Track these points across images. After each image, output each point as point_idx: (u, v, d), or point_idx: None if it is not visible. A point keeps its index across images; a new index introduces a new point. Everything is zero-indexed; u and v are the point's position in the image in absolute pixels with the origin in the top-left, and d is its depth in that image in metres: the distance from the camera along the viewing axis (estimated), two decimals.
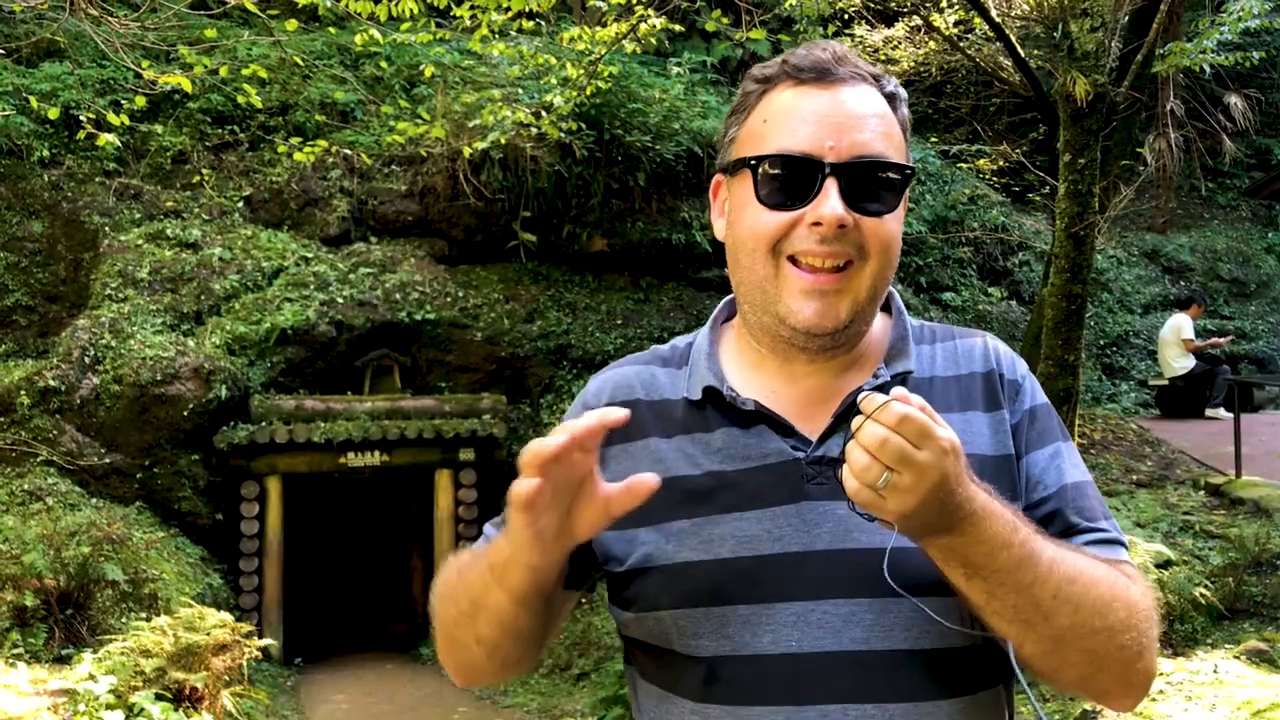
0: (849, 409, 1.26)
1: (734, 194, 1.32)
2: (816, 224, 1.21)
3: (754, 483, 1.26)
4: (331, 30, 8.77)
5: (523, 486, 1.07)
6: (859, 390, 1.26)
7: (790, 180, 1.23)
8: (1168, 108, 15.47)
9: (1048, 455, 1.31)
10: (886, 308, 1.39)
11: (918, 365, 1.33)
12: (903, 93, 1.33)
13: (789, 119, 1.26)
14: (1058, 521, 1.27)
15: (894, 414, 1.03)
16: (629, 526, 1.27)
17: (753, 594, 1.21)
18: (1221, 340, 12.48)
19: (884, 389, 1.26)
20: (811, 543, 1.22)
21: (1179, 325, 12.23)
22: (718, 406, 1.31)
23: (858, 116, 1.25)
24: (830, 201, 1.21)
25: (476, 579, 1.24)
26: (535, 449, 1.06)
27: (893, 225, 1.26)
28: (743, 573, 1.21)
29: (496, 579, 1.20)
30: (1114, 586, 1.18)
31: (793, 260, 1.24)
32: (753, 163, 1.26)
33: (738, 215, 1.30)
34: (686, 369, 1.38)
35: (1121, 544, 1.28)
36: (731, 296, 1.42)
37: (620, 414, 1.10)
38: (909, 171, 1.27)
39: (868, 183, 1.23)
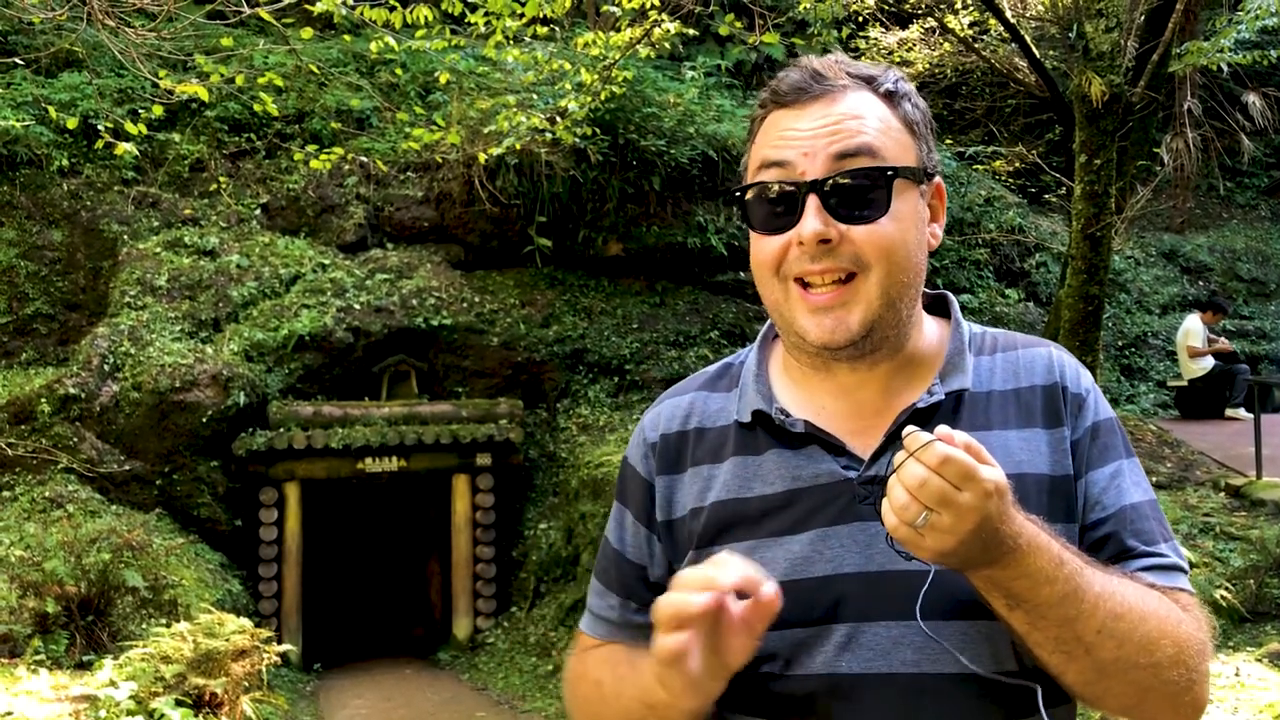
0: (902, 428, 1.24)
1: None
2: (802, 244, 1.22)
3: (805, 504, 1.24)
4: (346, 38, 8.80)
5: (668, 644, 1.06)
6: (912, 408, 1.25)
7: (775, 204, 1.25)
8: (1185, 107, 15.40)
9: (1108, 474, 1.27)
10: (946, 314, 1.37)
11: (975, 380, 1.30)
12: (905, 88, 1.31)
13: (770, 144, 1.27)
14: (1113, 544, 1.24)
15: (936, 455, 1.02)
16: (687, 553, 1.29)
17: (803, 616, 1.20)
18: (1226, 345, 12.29)
19: (935, 410, 1.25)
20: (863, 564, 1.21)
21: (1188, 330, 12.14)
22: (767, 429, 1.30)
23: (835, 127, 1.23)
24: (808, 220, 1.21)
25: (634, 706, 1.23)
26: (675, 608, 1.06)
27: (889, 228, 1.23)
28: (793, 595, 1.17)
29: (657, 716, 1.19)
30: (1164, 622, 1.15)
31: (800, 281, 1.24)
32: (738, 194, 1.29)
33: (750, 242, 1.31)
34: (737, 391, 1.37)
35: (1181, 569, 1.25)
36: None
37: (770, 595, 1.07)
38: (890, 172, 1.23)
39: (851, 191, 1.22)
